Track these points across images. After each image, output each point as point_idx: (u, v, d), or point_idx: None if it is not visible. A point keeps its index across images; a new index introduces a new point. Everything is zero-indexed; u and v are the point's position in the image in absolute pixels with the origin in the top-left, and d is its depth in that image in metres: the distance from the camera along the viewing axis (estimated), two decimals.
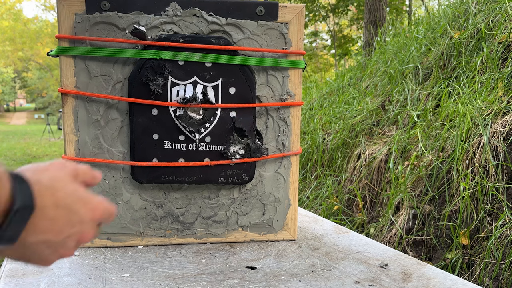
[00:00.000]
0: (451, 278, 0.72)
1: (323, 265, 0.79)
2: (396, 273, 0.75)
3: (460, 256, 1.49)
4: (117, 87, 0.82)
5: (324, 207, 2.34)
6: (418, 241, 1.71)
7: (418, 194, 1.82)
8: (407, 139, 2.12)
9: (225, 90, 0.83)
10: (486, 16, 2.29)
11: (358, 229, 2.11)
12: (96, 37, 0.80)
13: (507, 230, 1.36)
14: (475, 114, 1.73)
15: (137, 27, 0.78)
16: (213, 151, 0.85)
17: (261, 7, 0.84)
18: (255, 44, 0.84)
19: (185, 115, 0.82)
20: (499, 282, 1.33)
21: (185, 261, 0.80)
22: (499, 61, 1.95)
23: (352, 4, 9.71)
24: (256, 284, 0.70)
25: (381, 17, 5.34)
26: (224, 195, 0.89)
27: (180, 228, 0.89)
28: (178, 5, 0.81)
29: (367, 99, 2.94)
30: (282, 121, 0.88)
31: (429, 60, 2.56)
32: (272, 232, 0.92)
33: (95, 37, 0.80)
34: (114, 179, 0.85)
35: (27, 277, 0.72)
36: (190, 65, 0.82)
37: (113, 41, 0.79)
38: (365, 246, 0.89)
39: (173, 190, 0.87)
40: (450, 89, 2.14)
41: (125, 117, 0.84)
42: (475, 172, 1.59)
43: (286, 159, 0.90)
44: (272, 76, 0.86)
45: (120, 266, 0.77)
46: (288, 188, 0.91)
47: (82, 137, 0.83)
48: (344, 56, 11.46)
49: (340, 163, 2.61)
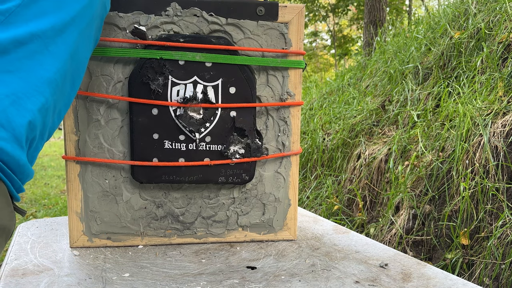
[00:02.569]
0: (451, 278, 0.72)
1: (323, 265, 0.79)
2: (396, 273, 0.75)
3: (460, 256, 1.49)
4: (117, 87, 0.82)
5: (324, 207, 2.34)
6: (418, 241, 1.71)
7: (418, 194, 1.82)
8: (407, 139, 2.12)
9: (225, 89, 0.83)
10: (486, 16, 2.29)
11: (358, 229, 2.11)
12: None
13: (507, 230, 1.36)
14: (475, 114, 1.73)
15: (138, 27, 0.79)
16: (213, 151, 0.85)
17: (261, 7, 0.84)
18: (255, 44, 0.84)
19: (185, 115, 0.82)
20: (499, 282, 1.33)
21: (185, 261, 0.81)
22: (499, 61, 1.95)
23: (352, 4, 9.71)
24: (256, 284, 0.70)
25: (381, 17, 5.34)
26: (224, 194, 0.89)
27: (180, 228, 0.89)
28: (178, 5, 0.81)
29: (367, 99, 2.94)
30: (282, 121, 0.88)
31: (429, 60, 2.56)
32: (272, 232, 0.92)
33: None
34: (114, 178, 0.85)
35: (27, 277, 0.72)
36: (190, 64, 0.82)
37: (113, 40, 0.79)
38: (365, 246, 0.89)
39: (173, 190, 0.87)
40: (450, 89, 2.14)
41: (125, 116, 0.84)
42: (475, 172, 1.59)
43: (286, 159, 0.90)
44: (272, 76, 0.86)
45: (120, 266, 0.77)
46: (288, 188, 0.91)
47: (83, 137, 0.83)
48: (344, 56, 11.47)
49: (340, 163, 2.61)
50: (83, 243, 0.86)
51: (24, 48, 0.54)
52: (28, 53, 0.54)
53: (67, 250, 0.84)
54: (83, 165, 0.84)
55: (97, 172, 0.84)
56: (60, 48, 0.58)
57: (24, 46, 0.54)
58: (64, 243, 0.88)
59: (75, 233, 0.85)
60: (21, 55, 0.54)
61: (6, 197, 0.53)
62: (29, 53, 0.54)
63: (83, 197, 0.85)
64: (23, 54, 0.54)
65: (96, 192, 0.85)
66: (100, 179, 0.85)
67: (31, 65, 0.54)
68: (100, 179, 0.85)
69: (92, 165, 0.84)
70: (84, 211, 0.85)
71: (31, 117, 0.54)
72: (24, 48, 0.54)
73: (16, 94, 0.52)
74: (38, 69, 0.55)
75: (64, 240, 0.90)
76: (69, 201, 0.84)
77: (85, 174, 0.84)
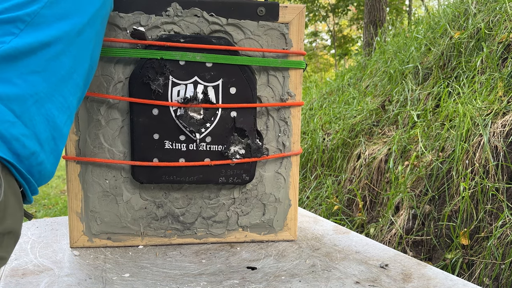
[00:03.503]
0: (451, 278, 0.72)
1: (323, 265, 0.79)
2: (396, 274, 0.75)
3: (460, 256, 1.49)
4: (118, 87, 0.82)
5: (324, 207, 2.34)
6: (418, 241, 1.71)
7: (418, 194, 1.82)
8: (407, 139, 2.12)
9: (226, 90, 0.83)
10: (486, 16, 2.29)
11: (358, 229, 2.11)
12: None
13: (507, 230, 1.37)
14: (475, 114, 1.73)
15: (136, 28, 0.78)
16: (214, 151, 0.85)
17: (261, 7, 0.84)
18: (256, 44, 0.84)
19: (185, 115, 0.82)
20: (499, 282, 1.33)
21: (185, 261, 0.81)
22: (499, 61, 1.95)
23: (352, 4, 9.71)
24: (256, 284, 0.70)
25: (381, 17, 5.34)
26: (224, 195, 0.89)
27: (180, 228, 0.89)
28: (179, 5, 0.81)
29: (367, 99, 2.94)
30: (283, 121, 0.88)
31: (429, 60, 2.56)
32: (272, 232, 0.92)
33: None
34: (114, 178, 0.85)
35: (27, 277, 0.72)
36: (191, 65, 0.82)
37: (114, 41, 0.79)
38: (365, 246, 0.89)
39: (173, 190, 0.87)
40: (450, 89, 2.14)
41: (125, 116, 0.84)
42: (475, 172, 1.59)
43: (287, 159, 0.90)
44: (273, 76, 0.86)
45: (120, 266, 0.77)
46: (289, 188, 0.91)
47: (83, 137, 0.83)
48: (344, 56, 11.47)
49: (340, 163, 2.61)
50: (83, 243, 0.86)
51: (50, 50, 0.56)
52: (53, 54, 0.56)
53: (67, 250, 0.84)
54: (84, 165, 0.84)
55: (97, 172, 0.84)
56: (80, 49, 0.61)
57: (50, 48, 0.56)
58: (64, 243, 0.88)
59: (75, 233, 0.85)
60: (47, 56, 0.56)
61: (19, 201, 0.54)
62: (53, 54, 0.56)
63: (83, 197, 0.85)
64: (49, 56, 0.56)
65: (96, 192, 0.85)
66: (100, 179, 0.85)
67: (54, 66, 0.57)
68: (101, 179, 0.85)
69: (92, 165, 0.84)
70: (84, 211, 0.85)
71: (51, 116, 0.56)
72: (49, 49, 0.56)
73: (38, 94, 0.55)
74: (60, 70, 0.57)
75: (64, 240, 0.90)
76: (69, 201, 0.84)
77: (85, 174, 0.84)
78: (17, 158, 0.52)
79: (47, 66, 0.56)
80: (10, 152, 0.51)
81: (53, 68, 0.56)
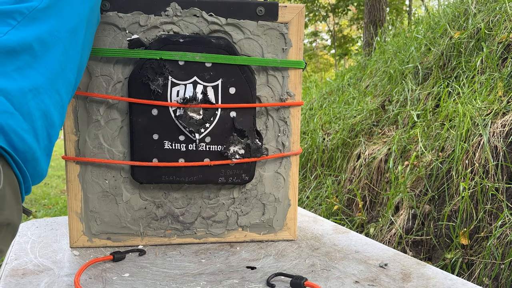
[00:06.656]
0: (451, 278, 0.73)
1: (322, 265, 0.79)
2: (396, 273, 0.75)
3: (459, 256, 1.49)
4: (117, 87, 0.82)
5: (324, 207, 2.34)
6: (418, 241, 1.71)
7: (418, 194, 1.82)
8: (407, 139, 2.12)
9: (225, 90, 0.84)
10: (486, 16, 2.29)
11: (358, 229, 2.12)
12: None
13: (506, 230, 1.37)
14: (475, 114, 1.73)
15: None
16: (213, 151, 0.85)
17: (261, 7, 0.84)
18: (255, 44, 0.84)
19: (185, 115, 0.82)
20: (498, 282, 1.33)
21: (185, 261, 0.81)
22: (499, 61, 1.95)
23: (352, 4, 9.71)
24: (256, 284, 0.71)
25: (381, 17, 5.34)
26: (224, 195, 0.89)
27: (180, 228, 0.89)
28: (178, 5, 0.81)
29: (367, 99, 2.94)
30: (282, 121, 0.88)
31: (429, 60, 2.56)
32: (272, 232, 0.92)
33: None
34: (114, 179, 0.85)
35: (27, 277, 0.72)
36: (190, 65, 0.82)
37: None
38: (364, 246, 0.89)
39: (173, 190, 0.87)
40: (450, 89, 2.14)
41: (125, 117, 0.84)
42: (475, 172, 1.59)
43: (286, 159, 0.90)
44: (272, 76, 0.86)
45: (120, 266, 0.77)
46: (288, 188, 0.91)
47: (82, 137, 0.83)
48: (344, 56, 11.47)
49: (340, 163, 2.61)
50: (83, 243, 0.86)
51: (46, 46, 0.57)
52: (49, 51, 0.57)
53: (67, 250, 0.84)
54: (83, 166, 0.84)
55: (97, 172, 0.84)
56: (73, 46, 0.62)
57: (46, 44, 0.57)
58: (64, 243, 0.88)
59: (75, 233, 0.85)
60: (43, 52, 0.57)
61: (17, 194, 0.53)
62: (49, 51, 0.57)
63: (83, 197, 0.85)
64: (45, 52, 0.57)
65: (96, 192, 0.85)
66: (100, 180, 0.85)
67: (50, 62, 0.57)
68: (100, 180, 0.85)
69: (92, 166, 0.84)
70: (84, 211, 0.85)
71: (48, 111, 0.57)
72: (45, 46, 0.57)
73: (37, 89, 0.55)
74: (55, 66, 0.58)
75: (64, 240, 0.90)
76: (69, 201, 0.84)
77: (85, 175, 0.84)
78: (14, 150, 0.52)
79: (44, 62, 0.56)
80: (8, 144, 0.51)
81: (49, 64, 0.57)
